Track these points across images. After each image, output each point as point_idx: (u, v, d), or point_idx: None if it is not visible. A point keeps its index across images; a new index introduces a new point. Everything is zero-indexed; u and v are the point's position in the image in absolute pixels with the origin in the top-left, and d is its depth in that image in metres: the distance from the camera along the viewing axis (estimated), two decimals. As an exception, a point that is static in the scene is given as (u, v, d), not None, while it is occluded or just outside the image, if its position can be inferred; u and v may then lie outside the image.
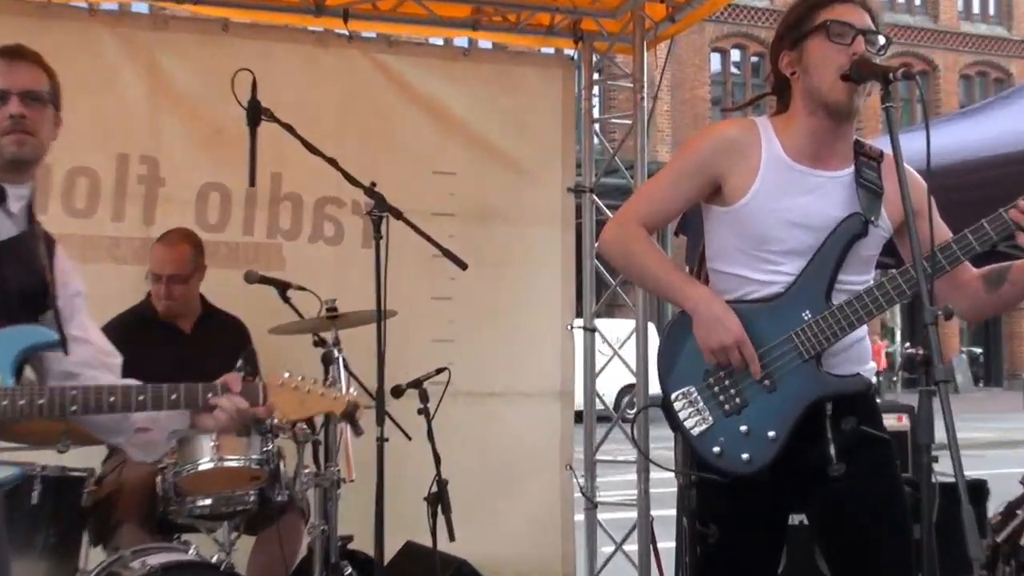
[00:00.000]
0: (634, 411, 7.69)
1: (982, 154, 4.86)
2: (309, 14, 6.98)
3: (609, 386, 15.05)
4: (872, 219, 3.26)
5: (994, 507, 5.59)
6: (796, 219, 3.25)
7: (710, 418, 3.25)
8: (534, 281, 7.36)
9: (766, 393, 3.22)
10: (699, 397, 3.27)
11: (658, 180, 3.48)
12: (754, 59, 34.86)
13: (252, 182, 4.57)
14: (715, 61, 34.79)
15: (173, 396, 3.11)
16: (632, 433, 5.00)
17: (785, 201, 3.26)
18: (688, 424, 3.26)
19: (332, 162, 4.83)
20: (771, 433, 3.20)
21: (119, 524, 4.89)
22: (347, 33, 7.05)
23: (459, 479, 5.58)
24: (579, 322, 7.48)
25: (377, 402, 4.69)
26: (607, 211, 7.13)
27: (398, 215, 4.75)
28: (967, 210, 3.24)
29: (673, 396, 3.30)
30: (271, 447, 4.87)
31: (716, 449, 3.23)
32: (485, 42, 7.86)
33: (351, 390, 4.75)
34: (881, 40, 3.28)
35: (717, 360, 3.21)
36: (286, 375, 3.36)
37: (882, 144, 3.31)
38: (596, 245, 3.70)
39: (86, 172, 6.41)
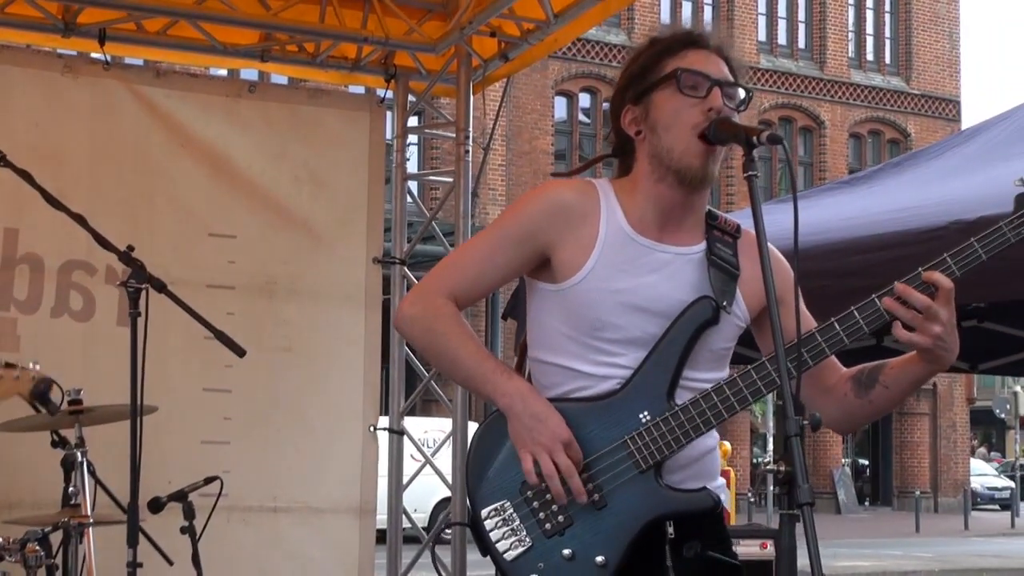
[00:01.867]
0: (449, 536, 7.68)
1: (860, 234, 5.06)
2: (56, 32, 6.93)
3: (423, 500, 15.15)
4: (724, 304, 3.30)
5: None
6: (637, 302, 3.28)
7: (527, 539, 3.23)
8: (331, 371, 7.39)
9: (595, 510, 3.21)
10: (515, 514, 3.25)
11: (474, 245, 3.50)
12: (607, 105, 35.14)
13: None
14: (560, 106, 35.16)
15: None
16: (434, 560, 4.96)
17: (625, 281, 3.29)
18: (501, 547, 3.23)
19: (79, 219, 4.83)
20: (599, 559, 3.20)
21: None
22: (104, 58, 7.02)
23: (231, 614, 5.56)
24: (384, 422, 7.52)
25: (130, 518, 4.67)
26: (421, 287, 7.22)
27: (160, 287, 4.75)
28: (844, 300, 3.32)
29: (484, 513, 3.27)
30: (-8, 573, 4.78)
31: None
32: (278, 76, 7.89)
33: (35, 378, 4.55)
34: (741, 94, 3.35)
35: (535, 473, 3.18)
36: None
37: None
38: (393, 321, 3.68)
39: None
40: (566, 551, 3.21)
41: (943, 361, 3.24)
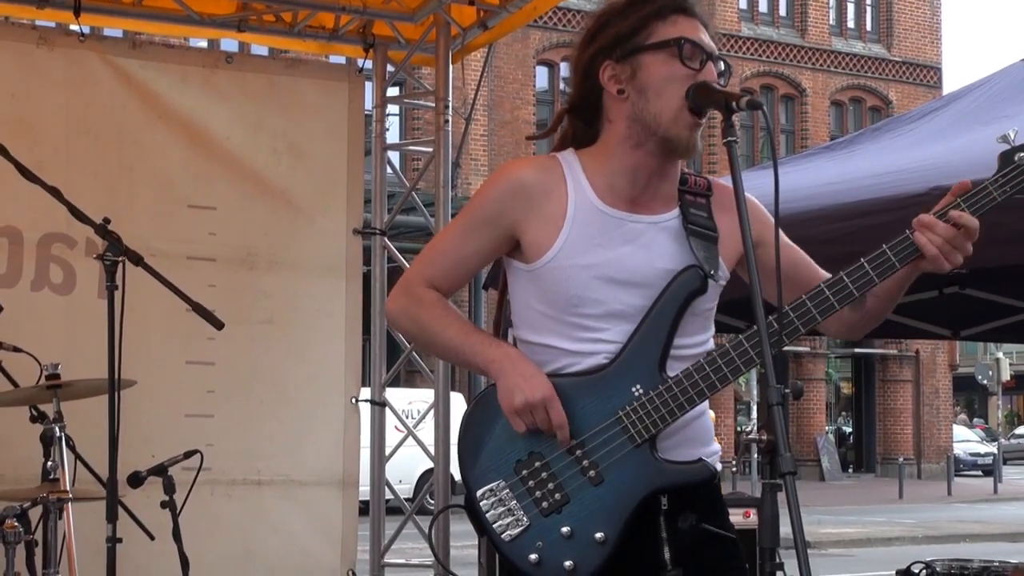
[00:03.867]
0: (432, 505, 7.68)
1: (841, 200, 5.05)
2: (31, 3, 6.89)
3: (407, 471, 15.16)
4: (712, 272, 3.29)
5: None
6: (613, 275, 3.26)
7: (525, 519, 3.21)
8: (312, 343, 7.37)
9: (591, 486, 3.20)
10: (510, 493, 3.23)
11: (448, 233, 3.49)
12: (589, 75, 35.34)
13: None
14: (541, 76, 35.17)
15: None
16: (429, 538, 4.95)
17: (599, 254, 3.27)
18: (498, 527, 3.22)
19: (54, 192, 4.80)
20: (599, 535, 3.19)
21: None
22: (79, 29, 6.97)
23: (214, 588, 5.55)
24: (366, 393, 7.51)
25: (109, 493, 4.65)
26: (401, 257, 7.22)
27: (137, 260, 4.72)
28: (826, 268, 3.31)
29: (478, 493, 3.25)
30: (-29, 550, 4.76)
31: (533, 557, 3.19)
32: (257, 47, 7.86)
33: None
34: (722, 65, 3.33)
35: (524, 425, 3.19)
36: None
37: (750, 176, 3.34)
38: (384, 314, 3.70)
39: None
40: (564, 529, 3.20)
41: (940, 266, 3.24)
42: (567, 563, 3.18)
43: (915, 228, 3.18)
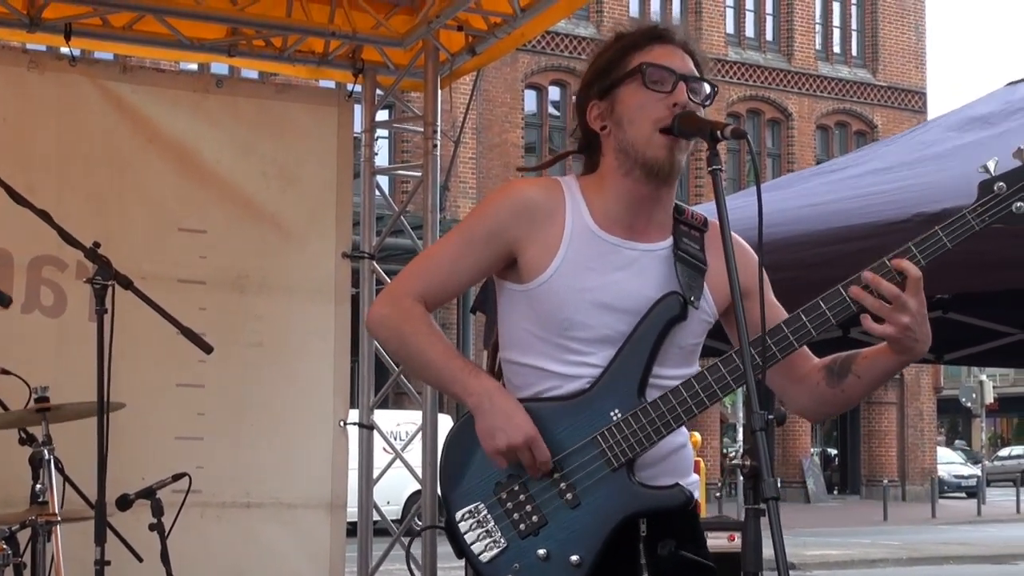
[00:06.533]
0: (419, 526, 7.68)
1: (824, 226, 5.06)
2: (21, 27, 6.89)
3: (395, 493, 15.12)
4: (692, 299, 3.30)
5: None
6: (605, 300, 3.27)
7: (502, 540, 3.23)
8: (301, 365, 7.37)
9: (569, 509, 3.21)
10: (489, 515, 3.24)
11: (442, 246, 3.50)
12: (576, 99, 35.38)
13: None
14: (530, 99, 35.21)
15: None
16: (408, 560, 4.93)
17: (593, 279, 3.28)
18: (476, 548, 3.23)
19: (44, 215, 4.81)
20: (574, 558, 3.19)
21: None
22: (70, 53, 6.97)
23: (202, 611, 5.54)
24: (354, 415, 7.51)
25: (97, 515, 4.66)
26: (389, 280, 7.21)
27: (127, 284, 4.73)
28: (809, 293, 3.31)
29: (458, 515, 3.27)
30: (-40, 571, 4.75)
31: None
32: (248, 71, 7.88)
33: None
34: (707, 88, 3.35)
35: (507, 464, 3.20)
36: None
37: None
38: (365, 323, 3.69)
39: None
40: (541, 551, 3.21)
41: (914, 352, 3.23)
42: None
43: (860, 282, 3.17)
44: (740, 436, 32.67)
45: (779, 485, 2.91)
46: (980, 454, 49.85)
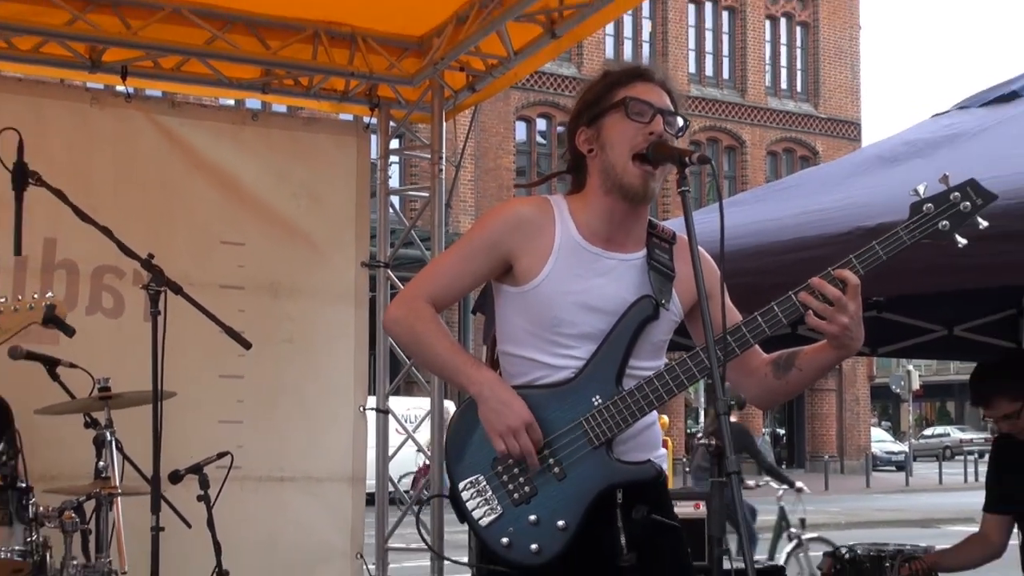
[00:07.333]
0: (427, 496, 7.67)
1: (775, 239, 5.05)
2: (84, 69, 6.89)
3: (406, 467, 15.10)
4: (663, 302, 3.33)
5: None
6: (589, 302, 3.30)
7: (499, 508, 3.25)
8: (326, 359, 7.36)
9: (556, 481, 3.24)
10: (488, 486, 3.26)
11: (448, 256, 3.51)
12: (560, 128, 35.31)
13: (17, 250, 4.50)
14: (520, 130, 35.21)
15: None
16: (418, 526, 4.92)
17: (577, 283, 3.31)
18: (476, 515, 3.25)
19: (106, 231, 4.80)
20: (560, 523, 3.22)
21: None
22: (126, 91, 6.97)
23: (245, 569, 5.53)
24: (372, 402, 7.51)
25: (153, 488, 4.65)
26: (402, 286, 7.22)
27: (177, 290, 4.73)
28: (764, 296, 3.31)
29: (460, 485, 3.28)
30: (36, 537, 4.74)
31: (504, 540, 3.22)
32: (278, 106, 7.88)
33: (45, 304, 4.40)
34: (680, 122, 3.38)
35: (507, 445, 3.21)
36: None
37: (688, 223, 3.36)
38: (382, 323, 3.68)
39: None
40: (532, 517, 3.23)
41: (850, 348, 3.26)
42: (533, 546, 3.21)
43: (808, 288, 3.19)
44: (702, 418, 32.68)
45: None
46: (908, 434, 49.79)
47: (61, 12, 6.49)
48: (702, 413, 32.49)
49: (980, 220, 3.22)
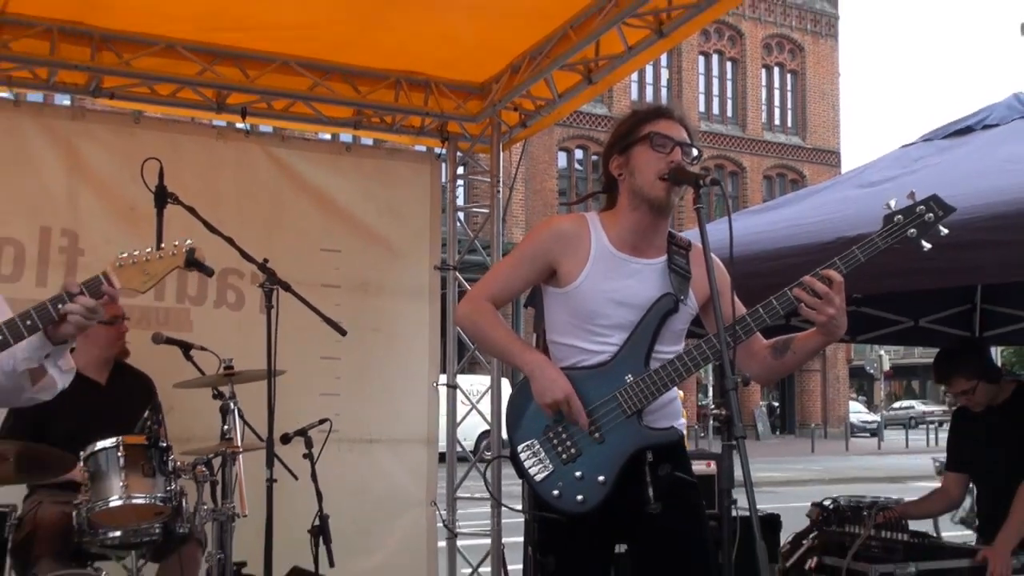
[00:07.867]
0: (489, 456, 7.69)
1: (772, 246, 5.03)
2: (211, 110, 6.94)
3: (470, 431, 15.12)
4: (682, 298, 3.35)
5: (785, 536, 5.76)
6: (620, 298, 3.31)
7: (550, 466, 3.26)
8: (406, 344, 7.36)
9: (596, 444, 3.25)
10: (540, 448, 3.28)
11: (503, 264, 3.53)
12: (595, 157, 35.44)
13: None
14: (562, 158, 35.27)
15: (28, 322, 2.97)
16: (485, 477, 4.96)
17: (610, 284, 3.32)
18: (532, 472, 3.27)
19: (230, 240, 4.85)
20: (601, 478, 3.23)
21: (39, 558, 4.74)
22: (245, 128, 7.03)
23: (339, 513, 5.54)
24: (443, 379, 7.52)
25: (268, 447, 4.70)
26: (467, 285, 7.23)
27: (286, 288, 4.78)
28: (764, 292, 3.32)
29: (519, 448, 3.30)
30: (174, 486, 4.78)
31: (555, 492, 3.24)
32: (366, 139, 7.89)
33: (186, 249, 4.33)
34: (695, 152, 3.38)
35: (553, 413, 3.23)
36: (122, 254, 3.16)
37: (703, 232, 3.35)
38: (454, 318, 3.72)
39: (12, 242, 6.24)
40: (577, 473, 3.25)
41: (835, 335, 3.26)
42: (579, 497, 3.23)
43: (801, 285, 3.18)
44: (710, 392, 32.56)
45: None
46: (880, 406, 49.32)
47: (193, 64, 6.55)
48: (710, 388, 32.35)
49: (941, 228, 3.23)
